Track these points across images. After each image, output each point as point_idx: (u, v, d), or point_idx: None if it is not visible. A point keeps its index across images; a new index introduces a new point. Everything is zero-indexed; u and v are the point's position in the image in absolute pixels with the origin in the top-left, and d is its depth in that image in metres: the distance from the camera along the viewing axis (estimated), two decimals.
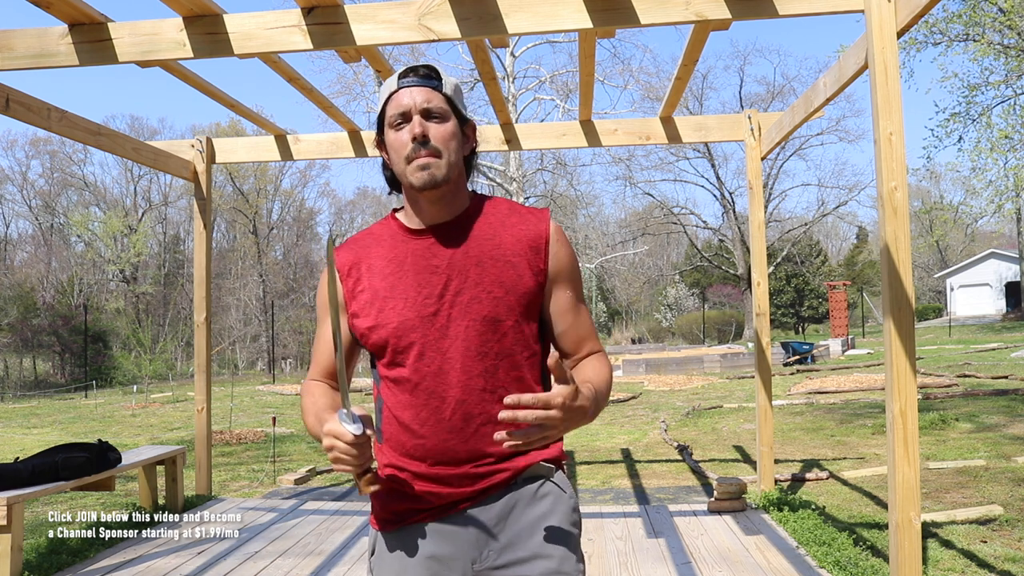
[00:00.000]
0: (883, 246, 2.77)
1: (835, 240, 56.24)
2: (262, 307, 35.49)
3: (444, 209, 1.34)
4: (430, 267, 1.31)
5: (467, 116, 1.37)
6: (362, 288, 1.34)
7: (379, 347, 1.32)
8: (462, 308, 1.28)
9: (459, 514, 1.30)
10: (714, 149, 33.13)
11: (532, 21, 3.07)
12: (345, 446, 1.17)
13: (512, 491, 1.31)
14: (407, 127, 1.29)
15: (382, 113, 1.34)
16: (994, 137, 15.20)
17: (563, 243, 1.37)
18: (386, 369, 1.33)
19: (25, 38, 3.34)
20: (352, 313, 1.35)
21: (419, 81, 1.30)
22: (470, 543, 1.30)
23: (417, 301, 1.29)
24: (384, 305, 1.31)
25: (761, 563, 3.66)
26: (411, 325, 1.28)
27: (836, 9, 3.12)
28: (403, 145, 1.29)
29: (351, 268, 1.37)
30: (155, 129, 43.55)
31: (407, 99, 1.29)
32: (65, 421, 12.16)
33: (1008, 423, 7.62)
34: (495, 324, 1.28)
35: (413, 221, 1.36)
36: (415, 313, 1.28)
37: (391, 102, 1.31)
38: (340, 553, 4.06)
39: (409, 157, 1.28)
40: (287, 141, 5.54)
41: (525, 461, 1.32)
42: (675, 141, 5.25)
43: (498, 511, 1.30)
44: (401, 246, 1.34)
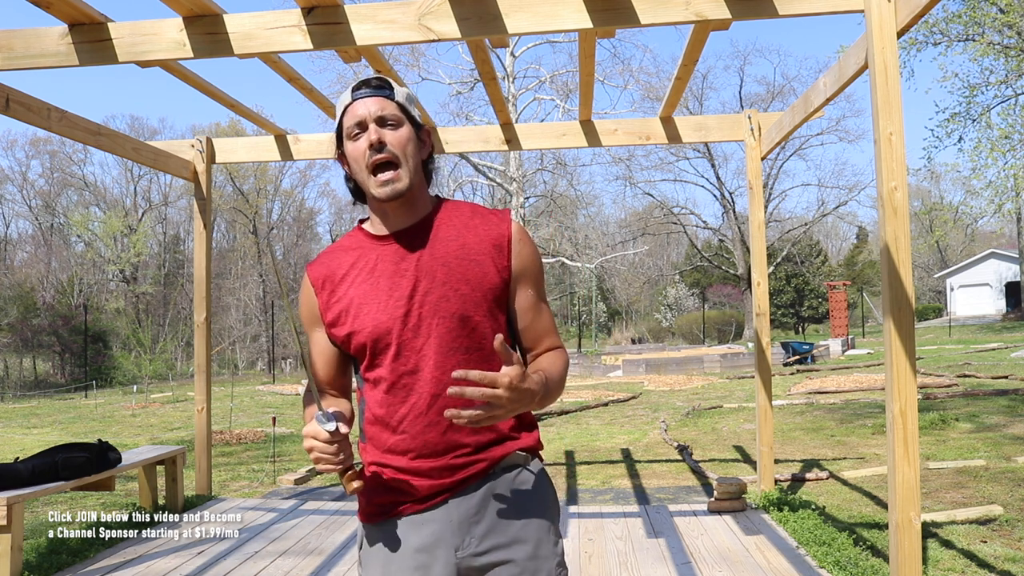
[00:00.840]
0: (883, 246, 2.77)
1: (835, 240, 56.25)
2: (262, 307, 35.49)
3: (408, 215, 1.39)
4: (399, 271, 1.36)
5: (420, 123, 1.42)
6: (336, 299, 1.40)
7: (359, 351, 1.38)
8: (432, 307, 1.33)
9: (441, 504, 1.35)
10: (714, 149, 33.15)
11: (532, 21, 3.07)
12: (322, 444, 1.24)
13: (490, 480, 1.37)
14: (364, 136, 1.34)
15: (340, 126, 1.39)
16: (994, 137, 15.20)
17: (526, 242, 1.42)
18: (366, 371, 1.39)
19: (25, 38, 3.34)
20: (329, 323, 1.41)
21: (372, 92, 1.36)
22: (452, 531, 1.34)
23: (389, 304, 1.34)
24: (359, 312, 1.36)
25: (761, 563, 3.66)
26: (385, 327, 1.33)
27: (836, 9, 3.12)
28: (362, 154, 1.34)
29: (324, 282, 1.42)
30: (155, 129, 43.59)
31: (362, 109, 1.35)
32: (65, 421, 12.16)
33: (1008, 423, 7.62)
34: (465, 320, 1.34)
35: (379, 229, 1.41)
36: (388, 316, 1.34)
37: (347, 114, 1.37)
38: (340, 553, 4.06)
39: (370, 166, 1.33)
40: (287, 141, 5.54)
41: (501, 451, 1.37)
42: (675, 141, 5.25)
43: (478, 500, 1.35)
44: (370, 254, 1.40)
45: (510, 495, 1.37)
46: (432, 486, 1.34)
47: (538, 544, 1.36)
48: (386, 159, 1.33)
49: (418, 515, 1.36)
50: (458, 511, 1.35)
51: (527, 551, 1.35)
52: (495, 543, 1.34)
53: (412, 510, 1.36)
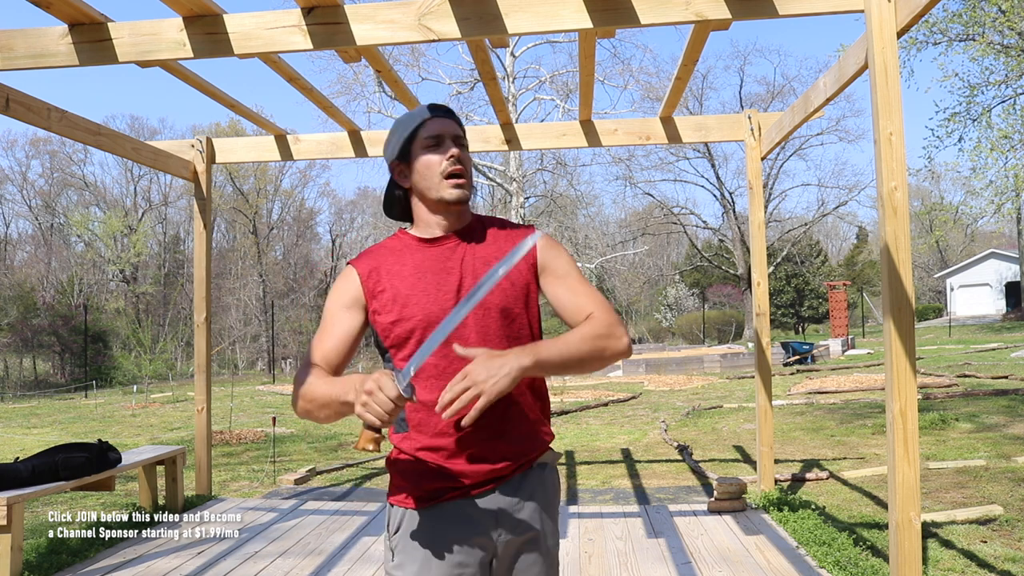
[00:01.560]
0: (883, 246, 2.77)
1: (835, 240, 56.24)
2: (262, 307, 35.49)
3: (456, 221, 1.55)
4: (446, 268, 1.50)
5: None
6: (382, 289, 1.50)
7: (403, 338, 1.48)
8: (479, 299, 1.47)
9: (487, 493, 1.48)
10: (714, 149, 33.16)
11: (532, 21, 3.07)
12: (386, 400, 1.25)
13: (528, 475, 1.53)
14: (442, 148, 1.50)
15: (411, 136, 1.52)
16: (994, 137, 15.20)
17: (551, 242, 1.58)
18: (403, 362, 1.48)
19: (25, 38, 3.33)
20: (374, 310, 1.51)
21: (447, 115, 1.54)
22: (495, 519, 1.48)
23: (439, 297, 1.47)
24: (407, 302, 1.48)
25: (761, 563, 3.66)
26: (436, 317, 1.44)
27: (836, 9, 3.12)
28: (437, 163, 1.50)
29: (371, 272, 1.53)
30: (155, 129, 43.57)
31: (439, 127, 1.51)
32: (65, 421, 12.16)
33: (1008, 423, 7.62)
34: (505, 311, 1.49)
35: (427, 232, 1.55)
36: (438, 307, 1.46)
37: (424, 127, 1.51)
38: (340, 553, 4.06)
39: (444, 172, 1.49)
40: (287, 141, 5.54)
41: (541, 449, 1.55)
42: (675, 141, 5.25)
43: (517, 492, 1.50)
44: (418, 253, 1.53)
45: (541, 490, 1.54)
46: (483, 472, 1.46)
47: (554, 533, 1.57)
48: (461, 171, 1.51)
49: (466, 500, 1.46)
50: (501, 502, 1.48)
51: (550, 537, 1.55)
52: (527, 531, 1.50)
53: (460, 496, 1.46)
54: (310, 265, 42.54)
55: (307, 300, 38.59)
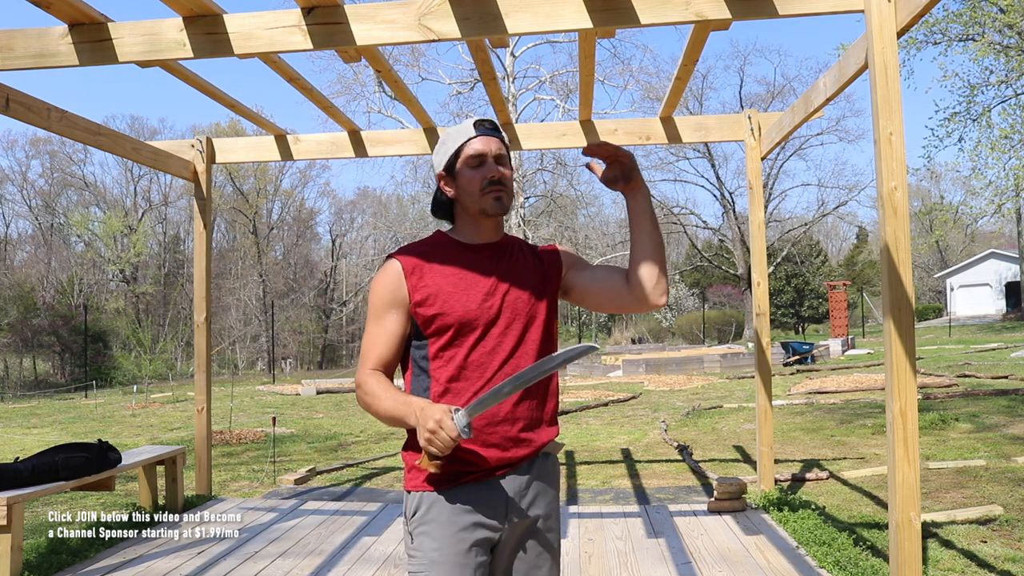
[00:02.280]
0: (883, 246, 2.77)
1: (835, 240, 56.23)
2: (262, 307, 35.48)
3: (494, 232, 1.71)
4: (484, 272, 1.65)
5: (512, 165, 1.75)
6: (425, 284, 1.62)
7: (441, 329, 1.60)
8: (511, 305, 1.64)
9: (500, 478, 1.61)
10: (714, 149, 33.15)
11: (532, 21, 3.07)
12: (446, 438, 1.42)
13: (536, 462, 1.67)
14: (485, 166, 1.63)
15: (458, 151, 1.65)
16: (994, 137, 15.20)
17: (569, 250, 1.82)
18: (444, 349, 1.61)
19: (25, 38, 3.33)
20: (416, 302, 1.62)
21: (491, 132, 1.66)
22: (505, 502, 1.61)
23: (478, 297, 1.62)
24: (449, 298, 1.60)
25: (761, 563, 3.66)
26: (475, 314, 1.60)
27: (836, 9, 3.12)
28: (480, 181, 1.63)
29: (415, 268, 1.64)
30: (155, 129, 43.56)
31: (484, 146, 1.64)
32: (65, 421, 12.16)
33: (1008, 423, 7.62)
34: (532, 317, 1.66)
35: (468, 238, 1.70)
36: (477, 305, 1.61)
37: (470, 145, 1.64)
38: (340, 553, 4.06)
39: (485, 189, 1.63)
40: (287, 141, 5.54)
41: (547, 436, 1.67)
42: (675, 141, 5.25)
43: (526, 478, 1.64)
44: (460, 256, 1.67)
45: (546, 477, 1.68)
46: (499, 458, 1.59)
47: (557, 518, 1.71)
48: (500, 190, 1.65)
49: (480, 484, 1.59)
50: (512, 485, 1.61)
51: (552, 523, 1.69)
52: (535, 514, 1.65)
53: (475, 479, 1.58)
54: (310, 265, 42.55)
55: (307, 300, 38.60)
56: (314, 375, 25.46)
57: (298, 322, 35.90)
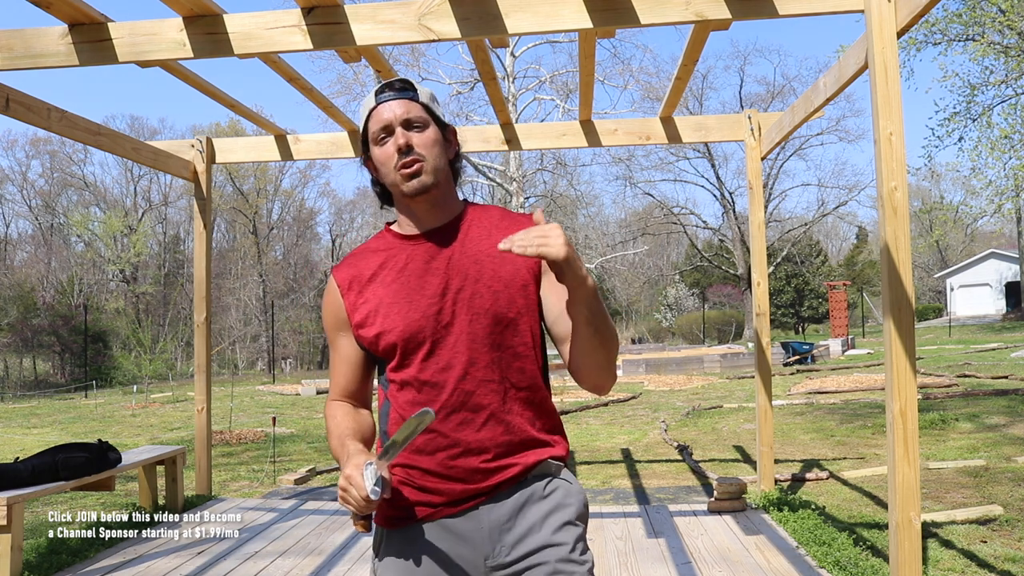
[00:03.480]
0: (883, 246, 2.77)
1: (835, 240, 56.22)
2: (262, 307, 35.49)
3: (437, 214, 1.39)
4: (430, 269, 1.35)
5: (446, 122, 1.41)
6: (364, 299, 1.37)
7: (388, 351, 1.35)
8: (464, 304, 1.32)
9: (471, 510, 1.32)
10: (714, 149, 33.14)
11: (532, 21, 3.07)
12: (358, 497, 1.19)
13: (523, 488, 1.34)
14: (391, 140, 1.34)
15: (365, 131, 1.39)
16: (994, 137, 15.20)
17: None
18: (395, 372, 1.36)
19: (25, 38, 3.33)
20: (356, 324, 1.38)
21: (395, 95, 1.36)
22: (483, 540, 1.31)
23: (421, 303, 1.33)
24: (389, 311, 1.34)
25: (761, 563, 3.66)
26: (418, 326, 1.32)
27: (836, 9, 3.12)
28: (389, 157, 1.34)
29: (351, 282, 1.40)
30: (155, 129, 43.55)
31: (387, 113, 1.34)
32: (65, 421, 12.16)
33: (1008, 423, 7.62)
34: (497, 317, 1.32)
35: (408, 229, 1.40)
36: (420, 314, 1.32)
37: (372, 119, 1.36)
38: (340, 553, 4.06)
39: (397, 166, 1.33)
40: (287, 141, 5.54)
41: (535, 457, 1.34)
42: (675, 141, 5.25)
43: (510, 508, 1.32)
44: (399, 254, 1.38)
45: (542, 502, 1.34)
46: (465, 490, 1.31)
47: (572, 548, 1.31)
48: (414, 161, 1.33)
49: (448, 520, 1.32)
50: (489, 518, 1.32)
51: (561, 553, 1.30)
52: (526, 550, 1.31)
53: (442, 515, 1.32)
54: (310, 265, 42.53)
55: (307, 300, 38.59)
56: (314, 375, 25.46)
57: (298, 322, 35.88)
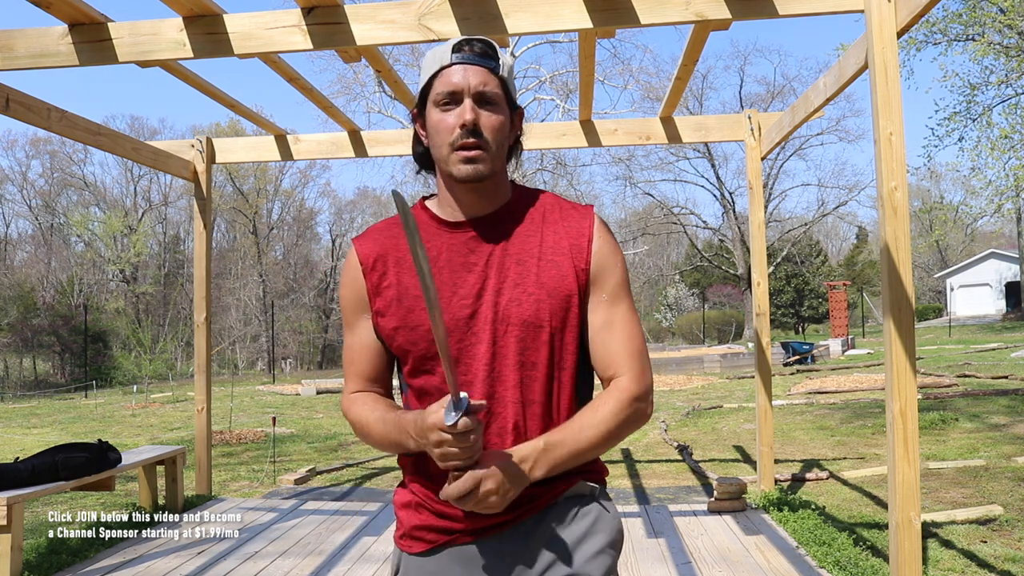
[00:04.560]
0: (883, 246, 2.77)
1: (835, 240, 56.23)
2: (262, 307, 35.49)
3: (484, 201, 1.21)
4: (467, 264, 1.19)
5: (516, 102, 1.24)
6: (388, 284, 1.21)
7: (404, 351, 1.21)
8: (501, 311, 1.17)
9: (495, 536, 1.19)
10: (714, 149, 33.14)
11: (532, 21, 3.07)
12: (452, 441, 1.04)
13: (551, 511, 1.20)
14: (456, 110, 1.15)
15: (427, 86, 1.19)
16: (994, 137, 15.20)
17: (607, 239, 1.23)
18: (411, 377, 1.22)
19: (25, 38, 3.34)
20: (376, 311, 1.22)
21: (476, 59, 1.16)
22: (506, 566, 1.19)
23: (452, 301, 1.17)
24: (414, 304, 1.18)
25: (761, 563, 3.66)
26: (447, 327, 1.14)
27: (836, 9, 3.12)
28: (449, 130, 1.15)
29: (375, 261, 1.23)
30: (155, 129, 43.56)
31: (460, 78, 1.15)
32: (65, 421, 12.16)
33: (1008, 423, 7.62)
34: (535, 330, 1.17)
35: (449, 212, 1.23)
36: (449, 315, 1.17)
37: (440, 77, 1.17)
38: (340, 553, 4.06)
39: (454, 144, 1.15)
40: (287, 141, 5.54)
41: (565, 485, 1.21)
42: (675, 141, 5.25)
43: (535, 534, 1.19)
44: (435, 239, 1.21)
45: (572, 526, 1.20)
46: (488, 517, 1.16)
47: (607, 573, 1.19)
48: (476, 146, 1.14)
49: (468, 547, 1.19)
50: (513, 545, 1.18)
51: None
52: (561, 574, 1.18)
53: (461, 541, 1.19)
54: (310, 265, 42.52)
55: (307, 300, 38.59)
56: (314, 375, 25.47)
57: (298, 322, 35.89)
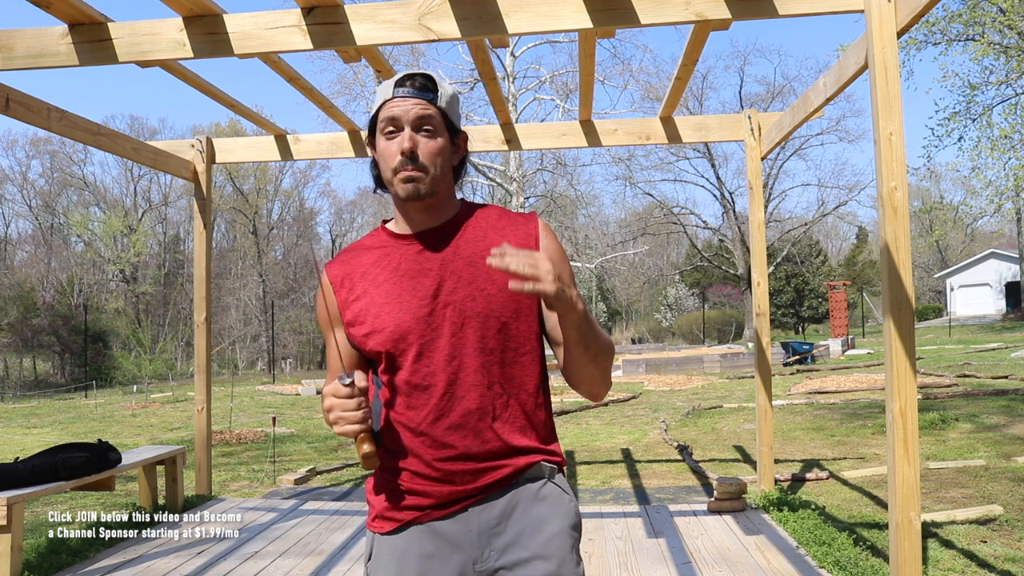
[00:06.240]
0: (883, 246, 2.77)
1: (835, 240, 56.23)
2: (262, 307, 35.48)
3: (432, 216, 1.36)
4: (422, 270, 1.33)
5: (459, 128, 1.38)
6: (356, 296, 1.36)
7: (376, 352, 1.33)
8: (457, 307, 1.30)
9: (461, 512, 1.31)
10: (714, 149, 33.16)
11: (532, 21, 3.07)
12: (341, 400, 1.19)
13: (513, 490, 1.33)
14: (397, 138, 1.30)
15: (375, 117, 1.35)
16: (994, 136, 15.20)
17: (551, 237, 1.39)
18: (384, 373, 1.34)
19: (25, 38, 3.34)
20: (348, 322, 1.36)
21: (415, 93, 1.31)
22: (472, 543, 1.30)
23: (412, 304, 1.31)
24: (380, 311, 1.32)
25: (761, 563, 3.66)
26: (407, 327, 1.30)
27: (836, 9, 3.12)
28: (392, 156, 1.30)
29: (343, 279, 1.38)
30: (155, 129, 43.58)
31: (400, 110, 1.30)
32: (65, 421, 12.16)
33: (1008, 423, 7.62)
34: (490, 321, 1.30)
35: (403, 228, 1.38)
36: (411, 315, 1.30)
37: (384, 109, 1.32)
38: (340, 553, 4.06)
39: (396, 169, 1.30)
40: (287, 141, 5.54)
41: (526, 460, 1.33)
42: (675, 141, 5.25)
43: (500, 510, 1.31)
44: (393, 253, 1.36)
45: (534, 507, 1.32)
46: (453, 492, 1.30)
47: (561, 563, 1.30)
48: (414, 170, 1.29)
49: (436, 523, 1.31)
50: (479, 520, 1.31)
51: (549, 568, 1.29)
52: (516, 558, 1.30)
53: (430, 518, 1.32)
54: (310, 265, 42.51)
55: (307, 300, 38.57)
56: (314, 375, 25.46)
57: (298, 322, 35.88)
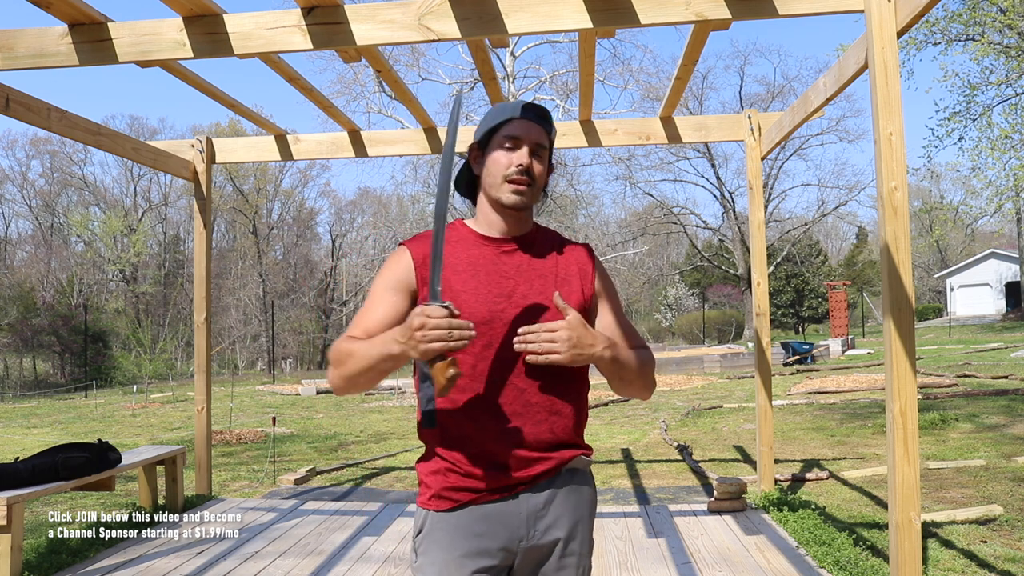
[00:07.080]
0: (883, 246, 2.77)
1: (835, 240, 56.22)
2: (262, 307, 35.48)
3: (517, 226, 1.54)
4: (501, 271, 1.49)
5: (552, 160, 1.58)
6: None
7: None
8: (527, 310, 1.46)
9: (512, 498, 1.45)
10: (714, 149, 33.14)
11: (532, 21, 3.07)
12: (437, 320, 1.27)
13: (558, 479, 1.49)
14: (517, 152, 1.48)
15: (495, 129, 1.51)
16: (995, 136, 15.20)
17: (602, 270, 1.62)
18: None
19: (25, 38, 3.33)
20: (423, 298, 1.47)
21: (538, 120, 1.51)
22: (520, 524, 1.45)
23: (488, 298, 1.46)
24: (457, 297, 1.45)
25: (761, 563, 3.66)
26: (482, 317, 1.43)
27: (836, 9, 3.12)
28: (507, 165, 1.48)
29: (425, 258, 1.48)
30: (155, 129, 43.54)
31: (524, 131, 1.49)
32: (65, 421, 12.16)
33: (1008, 423, 7.62)
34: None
35: (488, 230, 1.54)
36: (487, 308, 1.44)
37: (509, 125, 1.50)
38: (340, 553, 4.06)
39: (509, 176, 1.48)
40: (287, 141, 5.54)
41: (571, 453, 1.50)
42: (675, 141, 5.25)
43: (545, 497, 1.47)
44: (475, 249, 1.52)
45: (571, 495, 1.50)
46: (508, 478, 1.43)
47: (582, 543, 1.52)
48: (527, 183, 1.49)
49: (489, 505, 1.44)
50: (528, 504, 1.45)
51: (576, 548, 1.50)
52: (555, 536, 1.47)
53: (483, 500, 1.44)
54: (310, 265, 42.52)
55: (307, 300, 38.59)
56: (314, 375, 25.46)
57: (298, 322, 35.90)
